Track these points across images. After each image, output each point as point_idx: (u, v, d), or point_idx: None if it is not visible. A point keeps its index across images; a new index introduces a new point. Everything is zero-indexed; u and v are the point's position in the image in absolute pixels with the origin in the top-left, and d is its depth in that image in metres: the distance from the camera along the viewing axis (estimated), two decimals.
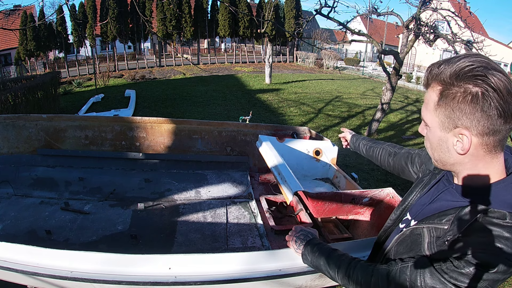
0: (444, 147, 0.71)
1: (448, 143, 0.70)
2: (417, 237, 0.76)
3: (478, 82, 0.62)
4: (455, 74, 0.65)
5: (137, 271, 1.14)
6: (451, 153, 0.70)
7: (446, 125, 0.69)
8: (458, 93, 0.64)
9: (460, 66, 0.64)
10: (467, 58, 0.65)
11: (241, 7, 17.44)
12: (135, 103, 8.92)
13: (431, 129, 0.73)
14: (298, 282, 1.25)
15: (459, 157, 0.70)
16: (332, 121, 7.92)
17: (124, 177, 2.55)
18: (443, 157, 0.73)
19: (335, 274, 0.88)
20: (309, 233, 1.08)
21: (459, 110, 0.65)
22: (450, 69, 0.66)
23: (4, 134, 2.55)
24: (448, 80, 0.66)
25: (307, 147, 2.57)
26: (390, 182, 4.53)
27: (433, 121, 0.71)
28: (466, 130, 0.65)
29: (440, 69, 0.68)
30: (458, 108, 0.65)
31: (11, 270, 1.14)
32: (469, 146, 0.66)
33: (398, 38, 20.46)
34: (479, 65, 0.63)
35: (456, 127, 0.67)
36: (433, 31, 5.72)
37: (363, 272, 0.81)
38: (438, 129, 0.71)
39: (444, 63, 0.68)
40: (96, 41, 16.25)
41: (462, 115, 0.65)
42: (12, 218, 1.91)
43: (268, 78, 13.10)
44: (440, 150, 0.73)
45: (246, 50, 20.69)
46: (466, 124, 0.65)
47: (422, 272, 0.69)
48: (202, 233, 1.90)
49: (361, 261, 0.86)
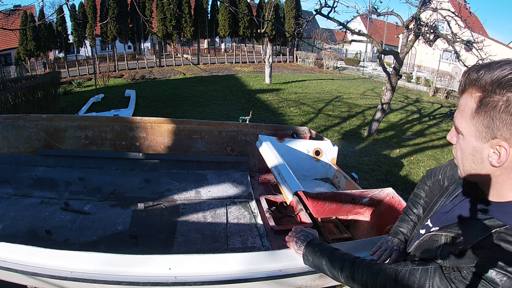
0: (478, 158, 0.67)
1: (483, 154, 0.66)
2: (434, 242, 0.76)
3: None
4: (497, 82, 0.61)
5: (137, 272, 1.13)
6: (484, 165, 0.67)
7: (483, 134, 0.64)
8: (500, 102, 0.60)
9: (503, 74, 0.60)
10: (509, 65, 0.61)
11: (241, 7, 17.43)
12: (135, 103, 8.92)
13: (465, 138, 0.68)
14: (298, 282, 1.25)
15: (491, 170, 0.66)
16: (332, 121, 7.92)
17: (124, 177, 2.55)
18: (474, 168, 0.69)
19: (338, 274, 0.87)
20: (309, 234, 1.08)
21: (500, 120, 0.61)
22: (492, 76, 0.62)
23: (4, 134, 2.55)
24: (489, 87, 0.62)
25: (307, 147, 2.57)
26: (390, 182, 4.53)
27: (468, 129, 0.67)
28: (505, 142, 0.61)
29: (480, 74, 0.63)
30: (499, 118, 0.61)
31: (11, 270, 1.14)
32: (506, 159, 0.62)
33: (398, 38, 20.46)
34: None
35: (494, 137, 0.63)
36: (433, 31, 5.72)
37: (369, 271, 0.81)
38: (473, 138, 0.66)
39: (484, 68, 0.64)
40: (96, 41, 16.24)
41: (502, 126, 0.61)
42: (12, 218, 1.91)
43: (268, 78, 13.10)
44: (473, 161, 0.68)
45: (246, 50, 20.69)
46: (505, 135, 0.61)
47: (432, 276, 0.69)
48: (202, 233, 1.90)
49: (365, 260, 0.86)
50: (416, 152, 5.98)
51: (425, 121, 8.44)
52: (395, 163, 5.40)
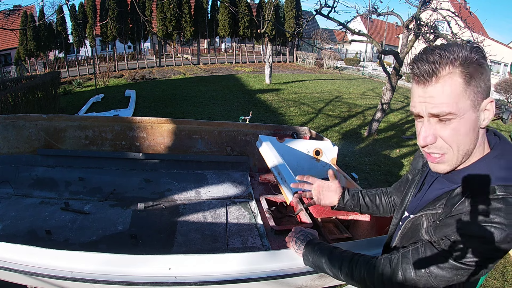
0: (473, 130, 0.67)
1: (480, 121, 0.67)
2: (417, 226, 0.77)
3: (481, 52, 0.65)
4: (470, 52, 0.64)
5: (137, 272, 1.13)
6: (476, 134, 0.68)
7: (478, 101, 0.66)
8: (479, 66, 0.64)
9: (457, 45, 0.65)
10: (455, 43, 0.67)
11: (241, 7, 17.43)
12: (135, 103, 8.92)
13: (464, 116, 0.66)
14: (298, 282, 1.25)
15: (480, 134, 0.69)
16: (332, 121, 7.91)
17: (124, 177, 2.55)
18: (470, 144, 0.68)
19: (338, 272, 0.87)
20: (309, 234, 1.08)
21: (482, 80, 0.65)
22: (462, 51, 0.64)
23: (4, 134, 2.55)
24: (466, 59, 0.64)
25: (307, 147, 2.57)
26: (390, 182, 4.53)
27: (465, 105, 0.65)
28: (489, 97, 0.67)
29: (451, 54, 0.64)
30: (483, 78, 0.65)
31: (11, 270, 1.14)
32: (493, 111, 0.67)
33: (398, 38, 20.45)
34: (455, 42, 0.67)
35: (486, 96, 0.66)
36: (433, 31, 5.71)
37: (366, 265, 0.81)
38: (471, 111, 0.66)
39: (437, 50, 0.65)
40: (96, 41, 16.24)
41: (484, 85, 0.65)
42: (12, 218, 1.91)
43: (268, 78, 13.10)
44: (469, 138, 0.67)
45: (246, 50, 20.68)
46: (488, 91, 0.66)
47: (424, 252, 0.70)
48: (202, 233, 1.90)
49: (363, 255, 0.86)
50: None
51: None
52: (395, 163, 5.40)
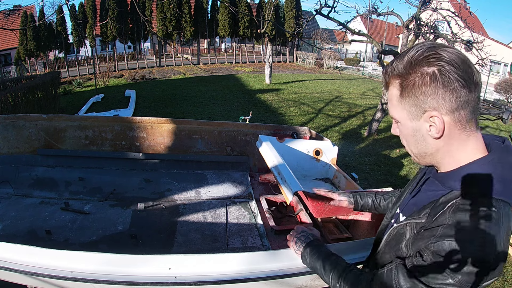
0: (419, 137, 0.70)
1: (422, 131, 0.68)
2: (401, 236, 0.74)
3: (431, 61, 0.63)
4: (408, 63, 0.65)
5: (137, 272, 1.13)
6: (427, 142, 0.69)
7: (414, 113, 0.68)
8: (416, 78, 0.65)
9: (410, 55, 0.65)
10: (414, 47, 0.66)
11: (241, 7, 17.43)
12: (135, 103, 8.92)
13: (402, 124, 0.72)
14: (298, 283, 1.25)
15: (436, 143, 0.68)
16: (332, 121, 7.92)
17: (124, 177, 2.55)
18: (421, 148, 0.71)
19: (329, 279, 0.88)
20: (310, 235, 1.07)
21: (422, 94, 0.64)
22: (403, 61, 0.66)
23: (4, 134, 2.55)
24: (403, 71, 0.66)
25: (307, 147, 2.57)
26: (390, 182, 4.53)
27: (401, 114, 0.71)
28: (435, 111, 0.65)
29: (394, 65, 0.69)
30: (420, 92, 0.65)
31: (11, 270, 1.14)
32: (443, 126, 0.65)
33: (398, 38, 20.45)
34: (427, 47, 0.64)
35: (424, 111, 0.66)
36: (433, 31, 5.72)
37: (354, 280, 0.81)
38: (408, 121, 0.70)
39: (396, 59, 0.69)
40: (96, 41, 16.25)
41: (426, 98, 0.64)
42: (12, 218, 1.91)
43: (268, 78, 13.10)
44: (417, 142, 0.71)
45: (246, 50, 20.68)
46: (433, 105, 0.64)
47: (396, 275, 0.67)
48: (202, 233, 1.90)
49: (355, 269, 0.85)
50: None
51: None
52: (395, 163, 5.40)
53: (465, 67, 0.62)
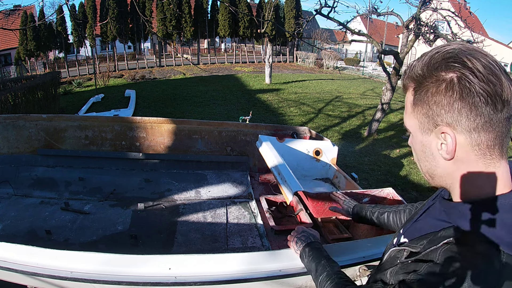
0: (429, 153, 0.59)
1: (432, 148, 0.58)
2: (396, 259, 0.66)
3: (451, 66, 0.51)
4: (426, 65, 0.55)
5: (137, 272, 1.13)
6: (437, 161, 0.58)
7: (426, 125, 0.57)
8: (431, 84, 0.54)
9: (431, 54, 0.55)
10: (437, 47, 0.56)
11: (241, 7, 17.44)
12: (135, 103, 8.92)
13: (413, 135, 0.62)
14: (298, 283, 1.25)
15: (446, 165, 0.57)
16: (332, 121, 7.92)
17: (124, 177, 2.55)
18: (430, 167, 0.60)
19: (317, 281, 0.88)
20: (310, 235, 1.08)
21: (436, 104, 0.53)
22: (421, 63, 0.56)
23: (4, 134, 2.55)
24: (420, 73, 0.56)
25: (307, 147, 2.57)
26: (390, 182, 4.53)
27: (412, 124, 0.60)
28: (448, 128, 0.53)
29: (412, 65, 0.58)
30: (433, 102, 0.54)
31: (11, 270, 1.14)
32: (454, 147, 0.53)
33: (398, 38, 20.45)
34: (451, 48, 0.53)
35: (436, 125, 0.55)
36: (433, 31, 5.72)
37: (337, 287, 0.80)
38: (419, 133, 0.59)
39: (416, 60, 0.59)
40: (96, 41, 16.25)
41: (440, 110, 0.53)
42: (12, 218, 1.91)
43: (268, 78, 13.10)
44: (425, 159, 0.60)
45: (246, 50, 20.68)
46: (447, 119, 0.53)
47: None
48: (202, 233, 1.90)
49: (343, 278, 0.84)
50: None
51: None
52: (395, 163, 5.40)
53: (493, 79, 0.49)
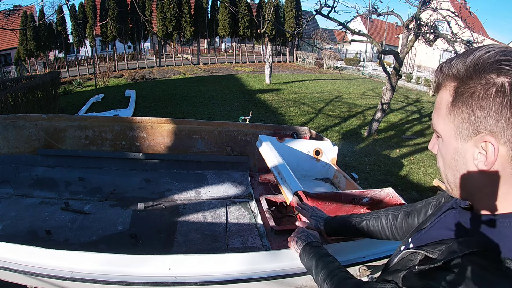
0: (461, 162, 0.54)
1: (466, 156, 0.52)
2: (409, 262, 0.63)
3: (504, 69, 0.47)
4: (472, 64, 0.50)
5: (137, 272, 1.13)
6: (470, 172, 0.53)
7: (464, 131, 0.52)
8: (479, 86, 0.49)
9: (478, 55, 0.50)
10: (485, 47, 0.51)
11: (241, 7, 17.44)
12: (135, 103, 8.92)
13: (445, 140, 0.56)
14: (298, 283, 1.25)
15: (479, 177, 0.52)
16: (332, 121, 7.92)
17: (124, 177, 2.55)
18: (460, 178, 0.55)
19: (318, 278, 0.87)
20: (310, 235, 1.08)
21: (481, 108, 0.49)
22: (465, 61, 0.51)
23: (4, 134, 2.55)
24: (463, 74, 0.51)
25: (307, 147, 2.57)
26: (390, 182, 4.53)
27: (446, 128, 0.54)
28: (492, 137, 0.48)
29: (452, 63, 0.53)
30: (479, 106, 0.49)
31: (11, 270, 1.14)
32: (495, 159, 0.49)
33: (398, 38, 20.46)
34: (502, 50, 0.49)
35: (478, 133, 0.50)
36: (433, 31, 5.72)
37: (339, 282, 0.80)
38: (453, 139, 0.54)
39: (457, 57, 0.53)
40: (96, 41, 16.25)
41: (485, 116, 0.48)
42: (12, 218, 1.91)
43: (268, 78, 13.10)
44: (456, 168, 0.55)
45: (246, 50, 20.68)
46: (491, 127, 0.48)
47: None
48: (202, 233, 1.90)
49: (344, 272, 0.83)
50: (416, 152, 5.98)
51: (425, 121, 8.44)
52: (395, 163, 5.40)
53: None
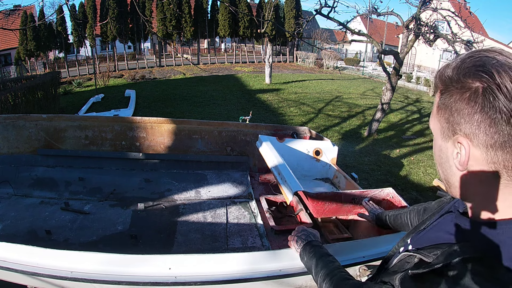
0: (445, 160, 0.57)
1: (448, 154, 0.56)
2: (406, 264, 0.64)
3: (479, 75, 0.49)
4: (456, 68, 0.52)
5: (137, 271, 1.13)
6: (452, 169, 0.56)
7: (446, 131, 0.55)
8: (456, 90, 0.52)
9: (462, 58, 0.53)
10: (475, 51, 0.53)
11: (241, 7, 17.43)
12: (135, 103, 8.92)
13: (435, 139, 0.60)
14: (298, 282, 1.25)
15: (462, 176, 0.55)
16: (332, 121, 7.92)
17: (124, 177, 2.55)
18: (447, 175, 0.59)
19: (317, 277, 0.88)
20: (310, 234, 1.08)
21: (457, 111, 0.52)
22: (453, 64, 0.54)
23: (4, 134, 2.55)
24: (449, 75, 0.53)
25: (307, 147, 2.57)
26: (390, 182, 4.53)
27: (435, 127, 0.59)
28: (465, 139, 0.51)
29: (445, 67, 0.56)
30: (455, 108, 0.52)
31: (11, 270, 1.14)
32: (466, 160, 0.52)
33: (398, 38, 20.46)
34: (485, 56, 0.51)
35: (455, 133, 0.53)
36: (433, 31, 5.72)
37: (339, 282, 0.80)
38: (439, 137, 0.58)
39: (453, 59, 0.56)
40: (96, 41, 16.25)
41: (460, 118, 0.52)
42: (12, 218, 1.91)
43: (268, 78, 13.10)
44: (442, 165, 0.59)
45: (246, 50, 20.68)
46: (465, 129, 0.51)
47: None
48: (202, 233, 1.90)
49: (343, 272, 0.84)
50: (416, 152, 5.98)
51: (425, 121, 8.44)
52: (395, 163, 5.40)
53: None
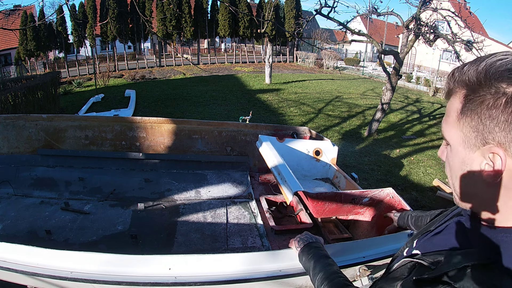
0: (468, 172, 0.52)
1: (473, 166, 0.51)
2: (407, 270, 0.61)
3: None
4: (484, 72, 0.48)
5: (137, 272, 1.13)
6: (476, 182, 0.51)
7: (472, 141, 0.50)
8: (488, 95, 0.47)
9: (490, 61, 0.48)
10: (498, 54, 0.49)
11: (241, 7, 17.43)
12: (135, 103, 8.92)
13: (453, 148, 0.54)
14: (298, 282, 1.25)
15: (486, 189, 0.51)
16: (332, 121, 7.92)
17: (124, 177, 2.55)
18: (466, 188, 0.54)
19: (315, 279, 0.88)
20: (313, 237, 1.09)
21: (490, 118, 0.47)
22: (477, 67, 0.49)
23: (4, 134, 2.55)
24: (474, 81, 0.49)
25: (307, 147, 2.57)
26: (390, 182, 4.53)
27: (455, 136, 0.53)
28: (500, 148, 0.47)
29: (465, 70, 0.51)
30: (488, 115, 0.47)
31: (11, 270, 1.14)
32: (502, 171, 0.48)
33: (398, 38, 20.47)
34: None
35: (485, 143, 0.48)
36: (433, 31, 5.72)
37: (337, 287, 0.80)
38: (461, 147, 0.52)
39: (470, 63, 0.52)
40: (96, 41, 16.24)
41: (494, 126, 0.47)
42: (12, 218, 1.91)
43: (268, 78, 13.10)
44: (463, 178, 0.53)
45: (246, 50, 20.68)
46: (499, 138, 0.47)
47: None
48: (202, 233, 1.90)
49: (342, 277, 0.84)
50: (416, 152, 5.98)
51: (425, 121, 8.44)
52: (395, 163, 5.40)
53: None
